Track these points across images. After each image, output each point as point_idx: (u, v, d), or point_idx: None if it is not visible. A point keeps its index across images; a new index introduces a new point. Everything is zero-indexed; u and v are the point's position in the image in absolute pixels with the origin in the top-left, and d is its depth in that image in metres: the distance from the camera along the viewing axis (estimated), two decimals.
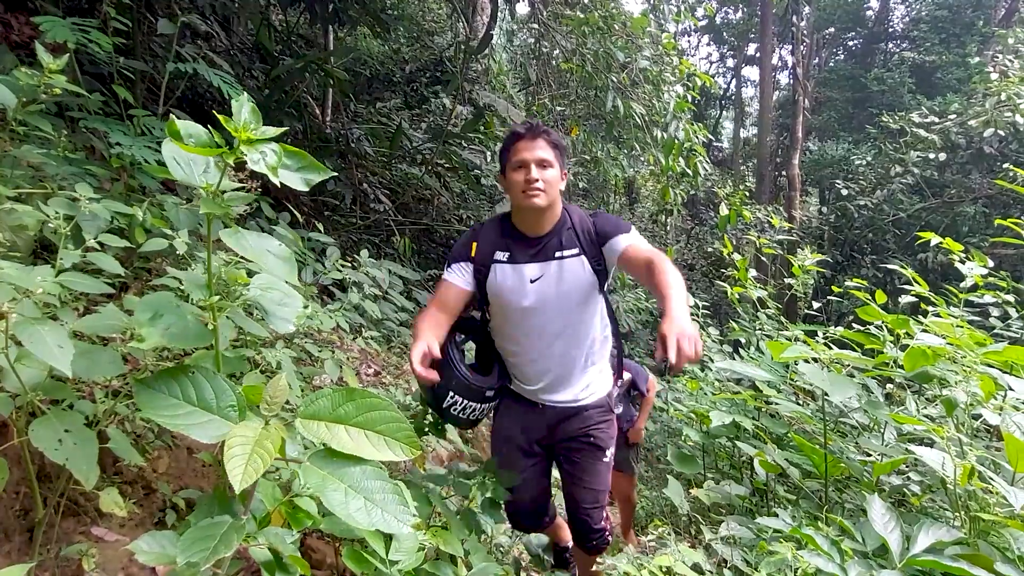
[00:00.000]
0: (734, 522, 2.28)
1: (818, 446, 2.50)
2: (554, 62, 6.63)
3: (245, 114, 1.20)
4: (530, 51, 7.21)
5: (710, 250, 12.68)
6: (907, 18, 19.61)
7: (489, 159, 7.08)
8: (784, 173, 15.85)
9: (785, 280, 4.44)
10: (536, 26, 6.44)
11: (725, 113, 24.27)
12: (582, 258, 1.95)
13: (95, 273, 1.59)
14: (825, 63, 21.10)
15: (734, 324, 4.37)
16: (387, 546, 1.56)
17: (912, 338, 2.30)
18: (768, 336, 3.95)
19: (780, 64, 20.27)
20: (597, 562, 2.26)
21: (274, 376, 1.23)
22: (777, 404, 2.98)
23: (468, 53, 6.18)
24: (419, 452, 1.21)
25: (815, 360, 2.39)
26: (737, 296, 4.19)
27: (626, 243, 1.90)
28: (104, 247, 1.63)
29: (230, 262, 1.47)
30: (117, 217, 2.00)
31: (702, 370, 4.60)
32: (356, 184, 6.06)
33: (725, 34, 22.47)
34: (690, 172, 5.95)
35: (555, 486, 2.47)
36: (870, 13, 20.42)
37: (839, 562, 1.64)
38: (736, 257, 4.06)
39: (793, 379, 3.12)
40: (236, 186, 1.30)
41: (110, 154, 2.44)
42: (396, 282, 4.01)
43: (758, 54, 19.68)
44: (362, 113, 7.58)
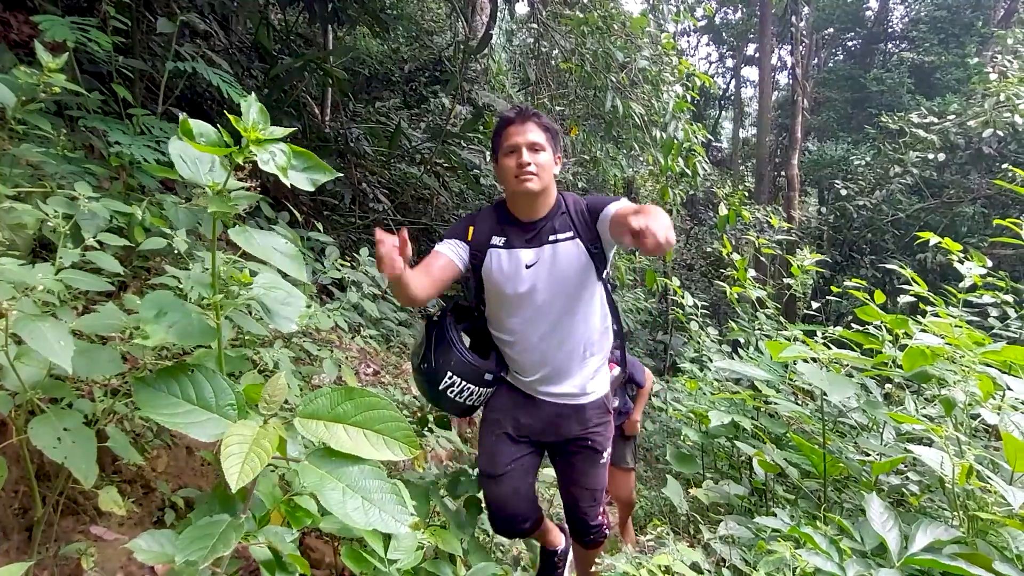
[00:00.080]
0: (733, 521, 2.28)
1: (817, 446, 2.51)
2: (553, 62, 6.63)
3: (254, 114, 1.20)
4: (529, 51, 7.21)
5: (709, 250, 12.69)
6: (906, 18, 19.63)
7: (488, 159, 7.06)
8: (783, 173, 15.88)
9: (784, 280, 4.45)
10: (535, 26, 6.44)
11: (724, 113, 24.28)
12: (577, 241, 1.93)
13: (94, 272, 1.58)
14: (824, 63, 21.11)
15: (733, 324, 4.38)
16: (386, 545, 1.56)
17: (911, 338, 2.30)
18: (767, 336, 3.95)
19: (779, 64, 20.31)
20: (596, 562, 2.27)
21: (272, 375, 1.23)
22: (776, 404, 2.98)
23: (467, 53, 6.18)
24: (418, 451, 1.21)
25: (814, 360, 2.40)
26: (736, 296, 4.20)
27: (616, 208, 1.85)
28: (103, 246, 1.63)
29: (228, 261, 1.47)
30: (116, 216, 2.00)
31: (701, 370, 4.60)
32: (355, 183, 6.06)
33: (724, 34, 22.47)
34: (689, 172, 5.94)
35: (553, 486, 2.46)
36: (869, 13, 20.44)
37: (838, 561, 1.64)
38: (735, 257, 4.06)
39: (792, 379, 3.13)
40: (240, 185, 1.30)
41: (109, 153, 2.44)
42: None
43: (757, 54, 19.71)
44: (361, 112, 7.58)
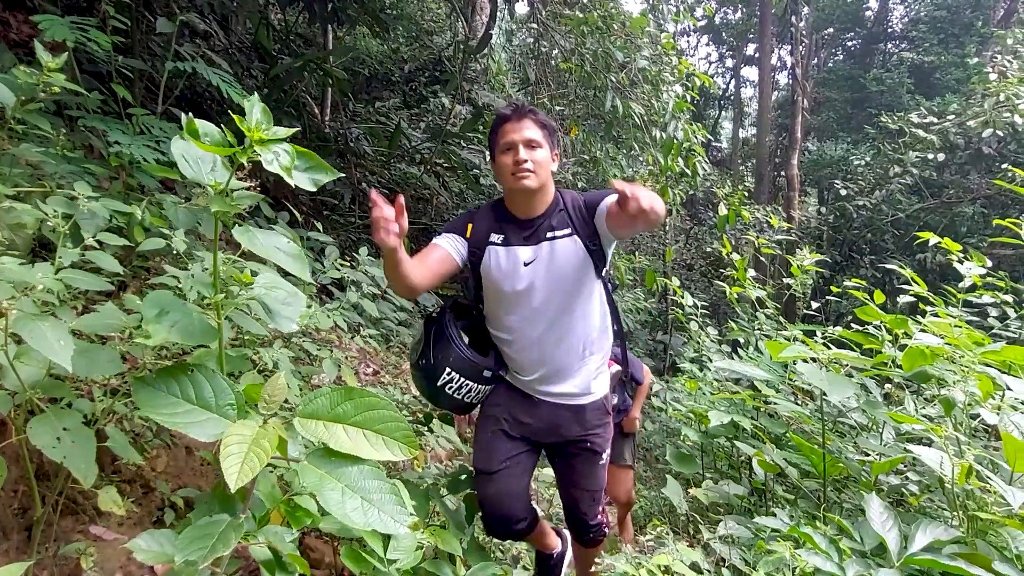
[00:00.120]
0: (732, 521, 2.28)
1: (816, 446, 2.51)
2: (553, 62, 6.62)
3: (257, 114, 1.20)
4: (529, 51, 7.21)
5: (709, 250, 12.67)
6: (906, 18, 19.62)
7: (488, 159, 7.05)
8: (783, 173, 15.87)
9: (784, 280, 4.44)
10: (535, 26, 6.43)
11: (724, 113, 24.27)
12: (575, 238, 1.92)
13: (94, 271, 1.58)
14: (824, 63, 21.10)
15: (733, 324, 4.38)
16: (385, 545, 1.56)
17: (910, 338, 2.30)
18: (767, 336, 3.95)
19: (779, 64, 20.30)
20: (596, 562, 2.26)
21: (272, 375, 1.23)
22: (776, 404, 2.98)
23: (467, 53, 6.18)
24: (417, 452, 1.21)
25: (813, 360, 2.40)
26: (736, 296, 4.20)
27: (612, 200, 1.83)
28: (103, 245, 1.63)
29: (228, 261, 1.47)
30: (116, 216, 2.00)
31: (700, 370, 4.60)
32: (355, 183, 6.06)
33: (724, 34, 22.46)
34: (689, 172, 5.94)
35: (553, 486, 2.46)
36: (869, 13, 20.43)
37: (837, 561, 1.64)
38: (735, 257, 4.06)
39: (792, 379, 3.13)
40: (241, 185, 1.30)
41: (109, 153, 2.44)
42: None
43: (757, 54, 19.70)
44: (361, 112, 7.58)
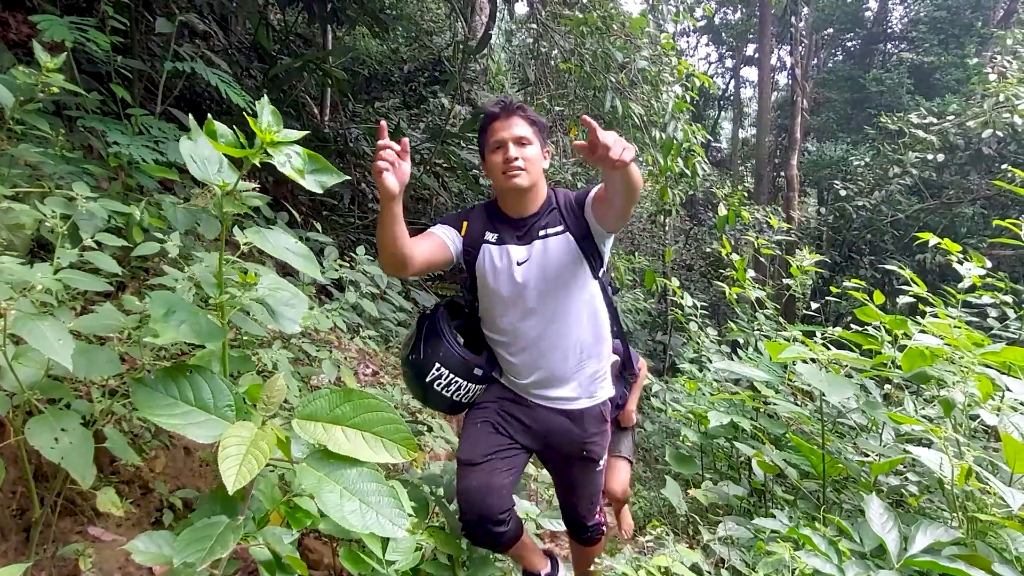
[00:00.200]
0: (732, 522, 2.28)
1: (816, 446, 2.50)
2: (552, 62, 6.62)
3: (267, 116, 1.20)
4: (528, 51, 7.20)
5: (708, 250, 12.66)
6: (906, 19, 19.62)
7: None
8: (782, 174, 15.86)
9: (783, 280, 4.44)
10: (535, 26, 6.43)
11: (724, 114, 24.28)
12: (567, 236, 1.91)
13: (92, 272, 1.58)
14: (824, 64, 21.10)
15: (732, 324, 4.38)
16: (384, 546, 1.56)
17: (910, 339, 2.30)
18: (766, 336, 3.96)
19: (779, 65, 20.32)
20: (596, 561, 2.26)
21: (271, 376, 1.23)
22: (775, 404, 2.97)
23: (466, 53, 6.18)
24: (416, 454, 1.21)
25: (813, 360, 2.39)
26: (735, 296, 4.20)
27: (598, 188, 1.85)
28: (101, 246, 1.63)
29: (227, 262, 1.46)
30: (114, 216, 1.99)
31: (700, 371, 4.60)
32: (354, 184, 6.06)
33: (724, 35, 22.47)
34: (688, 172, 5.94)
35: (552, 486, 2.45)
36: (869, 14, 20.43)
37: (837, 562, 1.64)
38: (734, 257, 4.06)
39: (791, 380, 3.12)
40: (247, 186, 1.29)
41: (108, 153, 2.44)
42: (394, 281, 4.01)
43: (757, 55, 19.71)
44: (360, 113, 7.57)
